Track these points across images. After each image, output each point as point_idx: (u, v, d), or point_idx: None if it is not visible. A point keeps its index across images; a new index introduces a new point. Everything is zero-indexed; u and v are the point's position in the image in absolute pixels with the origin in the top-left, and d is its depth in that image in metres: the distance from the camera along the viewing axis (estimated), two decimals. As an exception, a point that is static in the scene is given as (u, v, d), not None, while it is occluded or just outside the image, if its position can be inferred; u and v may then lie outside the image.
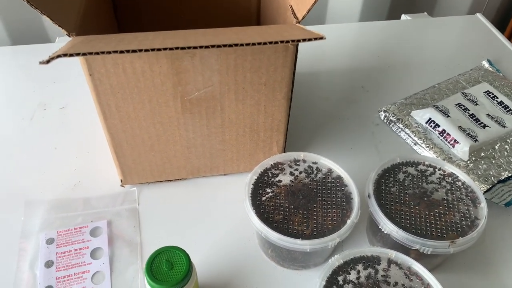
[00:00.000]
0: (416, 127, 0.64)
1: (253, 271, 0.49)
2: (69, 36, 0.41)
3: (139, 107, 0.47)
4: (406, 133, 0.65)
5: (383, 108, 0.68)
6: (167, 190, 0.57)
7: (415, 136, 0.63)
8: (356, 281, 0.41)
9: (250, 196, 0.48)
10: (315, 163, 0.51)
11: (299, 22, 0.45)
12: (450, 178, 0.50)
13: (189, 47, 0.33)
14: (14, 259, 0.50)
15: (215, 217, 0.55)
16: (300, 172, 0.50)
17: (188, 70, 0.45)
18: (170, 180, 0.58)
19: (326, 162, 0.51)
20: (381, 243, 0.49)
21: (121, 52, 0.32)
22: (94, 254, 0.51)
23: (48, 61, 0.31)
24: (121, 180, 0.56)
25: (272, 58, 0.45)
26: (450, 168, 0.51)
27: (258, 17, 0.72)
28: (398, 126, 0.66)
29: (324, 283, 0.41)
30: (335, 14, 1.05)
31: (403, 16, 0.95)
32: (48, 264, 0.49)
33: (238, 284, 0.48)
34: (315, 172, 0.50)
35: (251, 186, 0.49)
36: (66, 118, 0.67)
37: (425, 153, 0.62)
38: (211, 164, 0.56)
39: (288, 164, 0.51)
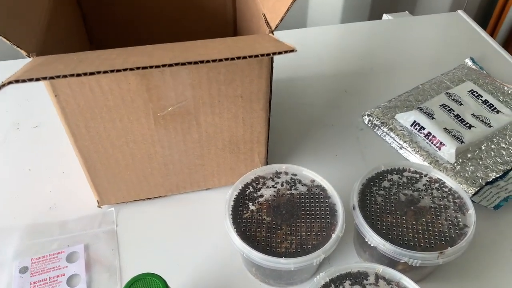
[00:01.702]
0: (401, 130, 0.63)
1: (238, 291, 0.47)
2: (29, 57, 0.38)
3: (110, 126, 0.45)
4: (391, 137, 0.63)
5: (367, 112, 0.67)
6: (146, 209, 0.55)
7: (400, 139, 0.62)
8: (343, 300, 0.39)
9: (231, 214, 0.46)
10: (296, 175, 0.50)
11: (272, 32, 0.43)
12: (436, 184, 0.48)
13: (151, 66, 0.31)
14: (-14, 292, 0.47)
15: (197, 235, 0.52)
16: (282, 185, 0.48)
17: (159, 86, 0.43)
18: (149, 198, 0.56)
19: (308, 174, 0.49)
20: (369, 255, 0.48)
21: (78, 75, 0.30)
22: (70, 281, 0.48)
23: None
24: (97, 201, 0.54)
25: (247, 70, 0.44)
26: (436, 174, 0.49)
27: (235, 26, 0.70)
28: (383, 130, 0.64)
29: (309, 303, 0.39)
30: (316, 16, 1.04)
31: (385, 16, 0.94)
32: (22, 295, 0.47)
33: (223, 306, 0.46)
34: (297, 184, 0.49)
35: (232, 203, 0.47)
36: (40, 137, 0.65)
37: (411, 157, 0.61)
38: (190, 180, 0.54)
39: (270, 178, 0.49)
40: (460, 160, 0.58)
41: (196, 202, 0.56)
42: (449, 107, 0.64)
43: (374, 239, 0.43)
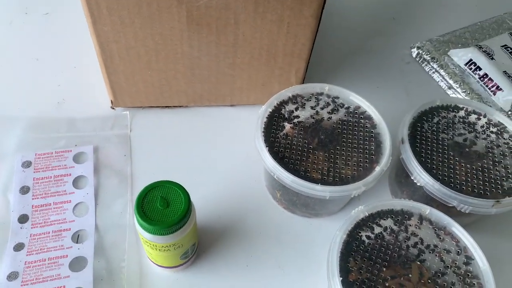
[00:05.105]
0: (453, 69, 0.56)
1: (259, 215, 0.43)
2: None
3: (135, 11, 0.39)
4: (440, 74, 0.56)
5: (417, 45, 0.59)
6: (164, 118, 0.50)
7: (450, 79, 0.55)
8: (379, 239, 0.35)
9: (263, 132, 0.40)
10: (339, 98, 0.44)
11: None
12: (496, 128, 0.43)
13: None
14: (-16, 182, 0.43)
15: (218, 152, 0.48)
16: (322, 108, 0.43)
17: (199, -34, 0.36)
18: (168, 107, 0.50)
19: (354, 99, 0.43)
20: (407, 196, 0.43)
21: None
22: (77, 182, 0.44)
23: None
24: (111, 101, 0.48)
25: (306, -40, 0.36)
26: (497, 116, 0.43)
27: None
28: (432, 66, 0.57)
29: (345, 237, 0.35)
30: None
31: None
32: (24, 190, 0.43)
33: (241, 228, 0.42)
34: (339, 109, 0.43)
35: (265, 119, 0.41)
36: (51, 26, 0.58)
37: (460, 99, 0.54)
38: (216, 91, 0.49)
39: (309, 98, 0.43)
40: (515, 109, 0.52)
41: (219, 117, 0.51)
42: (511, 49, 0.57)
43: (422, 177, 0.38)
